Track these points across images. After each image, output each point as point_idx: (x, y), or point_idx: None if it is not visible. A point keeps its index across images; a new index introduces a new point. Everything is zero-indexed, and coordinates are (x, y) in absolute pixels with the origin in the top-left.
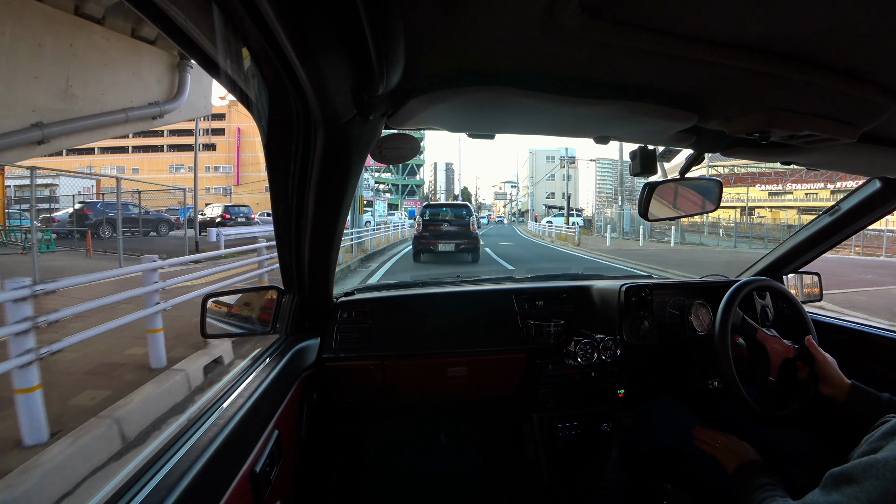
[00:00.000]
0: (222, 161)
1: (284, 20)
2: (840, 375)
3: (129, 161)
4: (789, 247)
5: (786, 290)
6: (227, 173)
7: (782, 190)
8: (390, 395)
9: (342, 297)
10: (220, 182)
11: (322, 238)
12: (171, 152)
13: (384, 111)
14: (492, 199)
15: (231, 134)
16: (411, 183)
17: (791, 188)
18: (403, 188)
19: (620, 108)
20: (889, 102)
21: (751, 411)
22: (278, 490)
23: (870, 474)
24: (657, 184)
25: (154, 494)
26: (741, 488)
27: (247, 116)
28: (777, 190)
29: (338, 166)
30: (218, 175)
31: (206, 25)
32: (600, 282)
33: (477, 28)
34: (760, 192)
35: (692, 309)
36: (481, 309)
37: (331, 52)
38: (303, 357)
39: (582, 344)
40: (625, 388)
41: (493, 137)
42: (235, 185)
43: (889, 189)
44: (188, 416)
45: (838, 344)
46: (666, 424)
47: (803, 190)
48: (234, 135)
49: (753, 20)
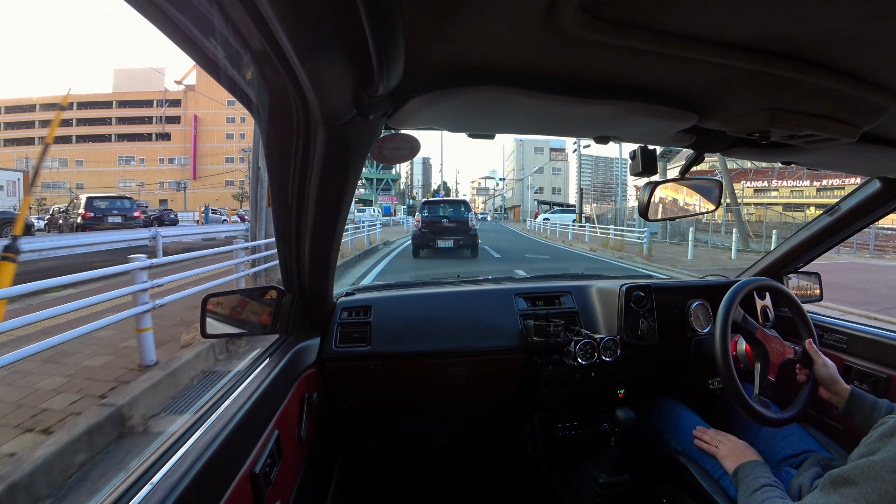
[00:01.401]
0: (178, 152)
1: (284, 20)
2: (840, 381)
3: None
4: (789, 247)
5: (786, 290)
6: (182, 165)
7: (767, 186)
8: (390, 395)
9: (342, 297)
10: (175, 175)
11: (322, 238)
12: (120, 142)
13: (384, 111)
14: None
15: (188, 122)
16: (386, 177)
17: (776, 185)
18: (378, 183)
19: (620, 108)
20: (889, 102)
21: (750, 411)
22: (278, 490)
23: (868, 476)
24: (657, 184)
25: (154, 494)
26: (741, 488)
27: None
28: (762, 186)
29: (338, 166)
30: (173, 167)
31: (206, 25)
32: (600, 282)
33: (477, 28)
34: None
35: (692, 309)
36: (481, 309)
37: (331, 52)
38: (303, 357)
39: (582, 344)
40: (625, 388)
41: (493, 137)
42: (192, 178)
43: (889, 189)
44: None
45: (838, 344)
46: (666, 424)
47: (788, 187)
48: (190, 123)
49: (753, 20)
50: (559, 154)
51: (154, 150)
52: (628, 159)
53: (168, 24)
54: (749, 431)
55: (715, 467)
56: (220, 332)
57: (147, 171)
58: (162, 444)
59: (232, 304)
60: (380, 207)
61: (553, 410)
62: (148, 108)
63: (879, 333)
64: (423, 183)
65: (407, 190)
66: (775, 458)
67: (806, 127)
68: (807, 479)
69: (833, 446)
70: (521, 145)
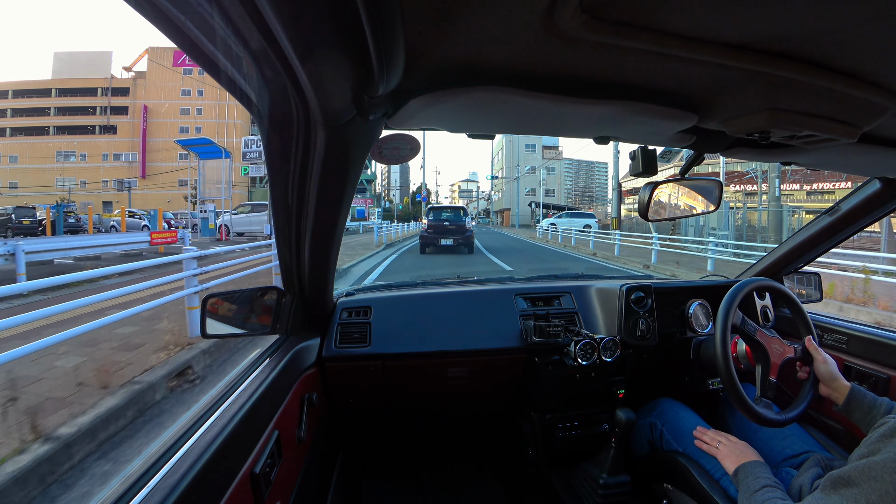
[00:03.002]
0: (124, 147)
1: (284, 20)
2: (840, 377)
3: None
4: (789, 247)
5: (786, 290)
6: (130, 163)
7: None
8: (390, 395)
9: (342, 297)
10: (121, 173)
11: (322, 238)
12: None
13: (384, 112)
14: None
15: (136, 113)
16: (361, 178)
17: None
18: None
19: (620, 109)
20: (889, 103)
21: (752, 413)
22: (278, 490)
23: (868, 476)
24: (657, 183)
25: (154, 495)
26: (742, 489)
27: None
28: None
29: (338, 166)
30: (119, 164)
31: (206, 25)
32: (600, 282)
33: (477, 28)
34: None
35: (692, 309)
36: (482, 309)
37: (331, 52)
38: (303, 357)
39: (582, 344)
40: (625, 388)
41: (493, 137)
42: (140, 176)
43: (889, 189)
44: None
45: (838, 344)
46: (666, 424)
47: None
48: (139, 114)
49: (753, 20)
50: (552, 152)
51: (97, 144)
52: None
53: (168, 25)
54: (749, 432)
55: (715, 468)
56: (220, 332)
57: (89, 169)
58: (162, 444)
59: (232, 305)
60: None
61: (553, 411)
62: (91, 96)
63: (879, 333)
64: (401, 184)
65: (383, 192)
66: (776, 459)
67: (806, 127)
68: (807, 480)
69: (833, 447)
70: (510, 142)
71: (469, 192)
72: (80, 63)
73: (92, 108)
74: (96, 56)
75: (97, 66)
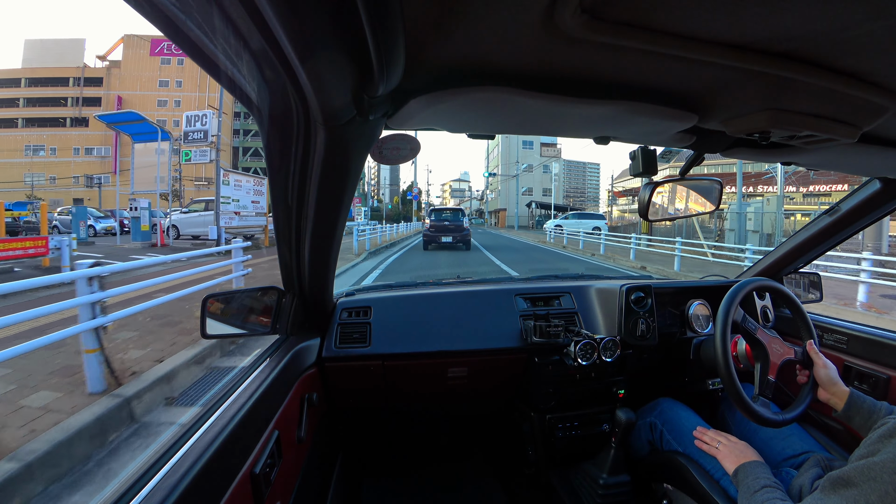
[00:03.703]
0: (97, 141)
1: (284, 20)
2: (839, 382)
3: None
4: (789, 247)
5: (786, 290)
6: (103, 157)
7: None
8: (390, 395)
9: (342, 297)
10: (93, 169)
11: (322, 238)
12: (28, 128)
13: (384, 112)
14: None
15: (110, 105)
16: None
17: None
18: None
19: (620, 109)
20: (889, 103)
21: (750, 412)
22: (278, 490)
23: (868, 477)
24: (657, 184)
25: (154, 495)
26: (741, 489)
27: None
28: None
29: (338, 167)
30: (91, 159)
31: (206, 25)
32: (600, 282)
33: (477, 28)
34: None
35: (692, 309)
36: (482, 309)
37: (331, 52)
38: (303, 357)
39: (582, 344)
40: (625, 388)
41: (493, 137)
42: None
43: (889, 189)
44: (188, 417)
45: (838, 344)
46: (666, 424)
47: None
48: (113, 106)
49: (754, 20)
50: (550, 149)
51: (68, 137)
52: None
53: (168, 25)
54: (749, 432)
55: (715, 468)
56: (220, 332)
57: (59, 164)
58: (162, 444)
59: (232, 305)
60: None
61: (553, 411)
62: (63, 87)
63: (879, 334)
64: (391, 182)
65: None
66: (776, 459)
67: (806, 127)
68: (807, 480)
69: (833, 447)
70: (507, 138)
71: (461, 192)
72: (51, 51)
73: (63, 99)
74: (69, 44)
75: (69, 55)
